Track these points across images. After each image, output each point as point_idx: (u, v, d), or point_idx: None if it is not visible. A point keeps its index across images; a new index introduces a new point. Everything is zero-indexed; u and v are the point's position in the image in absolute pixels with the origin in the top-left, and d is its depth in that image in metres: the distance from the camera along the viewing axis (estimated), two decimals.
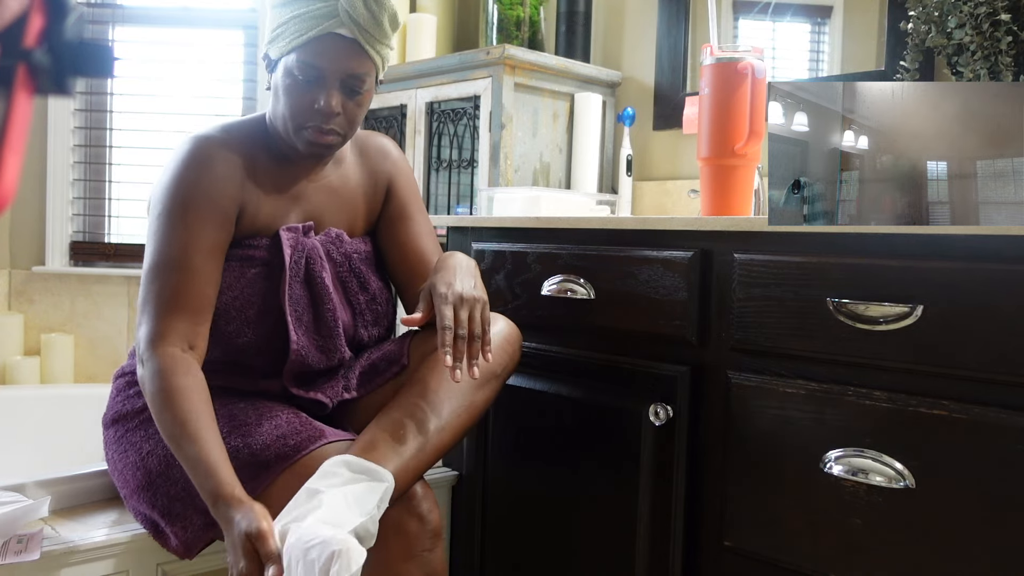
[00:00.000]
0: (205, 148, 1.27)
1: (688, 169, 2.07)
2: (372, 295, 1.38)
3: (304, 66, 1.24)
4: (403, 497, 1.16)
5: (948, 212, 1.10)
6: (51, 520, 1.34)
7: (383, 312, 1.40)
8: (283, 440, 1.18)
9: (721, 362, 1.27)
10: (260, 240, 1.29)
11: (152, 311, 1.21)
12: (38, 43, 0.42)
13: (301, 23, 1.23)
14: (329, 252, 1.34)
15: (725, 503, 1.25)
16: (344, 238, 1.37)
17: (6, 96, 0.42)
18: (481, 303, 1.22)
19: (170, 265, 1.21)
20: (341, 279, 1.35)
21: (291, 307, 1.27)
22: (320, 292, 1.30)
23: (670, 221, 1.32)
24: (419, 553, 1.15)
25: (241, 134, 1.32)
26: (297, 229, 1.31)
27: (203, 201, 1.24)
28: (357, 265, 1.37)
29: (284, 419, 1.22)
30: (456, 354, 1.16)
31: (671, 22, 2.10)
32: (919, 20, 1.46)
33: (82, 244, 2.70)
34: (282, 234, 1.29)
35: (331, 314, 1.30)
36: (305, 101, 1.25)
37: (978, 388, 1.03)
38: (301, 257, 1.29)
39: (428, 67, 2.15)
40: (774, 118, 1.21)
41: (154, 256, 1.23)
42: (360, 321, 1.36)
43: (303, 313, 1.29)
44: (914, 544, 1.06)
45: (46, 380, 2.57)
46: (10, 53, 0.42)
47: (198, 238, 1.23)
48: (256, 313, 1.27)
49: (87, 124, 2.70)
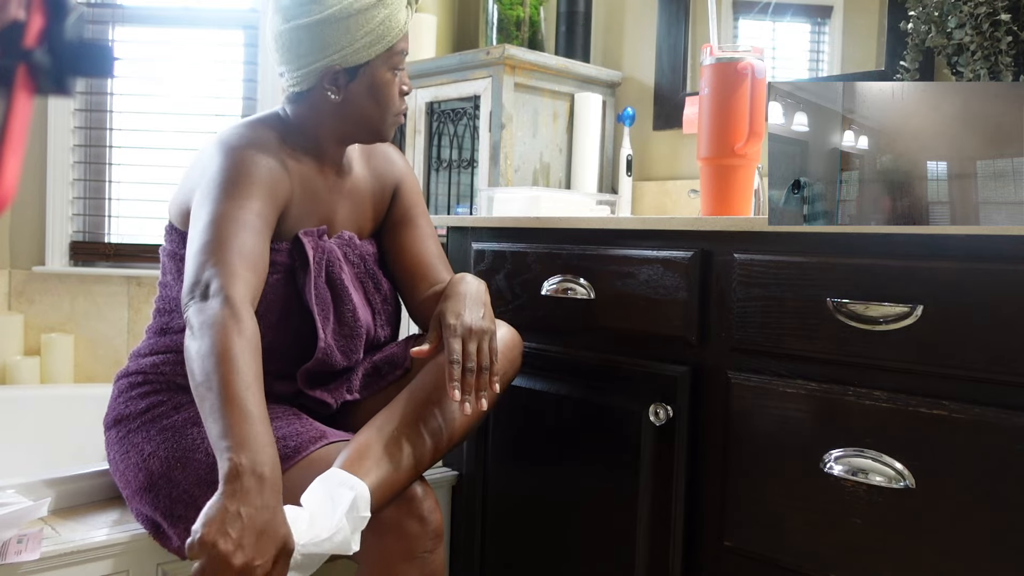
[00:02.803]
0: (251, 137, 1.27)
1: (688, 169, 2.07)
2: (385, 295, 1.41)
3: (400, 56, 1.31)
4: (403, 498, 1.16)
5: (948, 212, 1.10)
6: (51, 520, 1.34)
7: (393, 312, 1.43)
8: (283, 442, 1.18)
9: (721, 362, 1.27)
10: (281, 244, 1.30)
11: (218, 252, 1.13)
12: (38, 43, 0.42)
13: (392, 20, 1.28)
14: (346, 254, 1.36)
15: (725, 503, 1.25)
16: (356, 240, 1.39)
17: (6, 96, 0.42)
18: (489, 334, 1.22)
19: (234, 219, 1.17)
20: (360, 280, 1.37)
21: (317, 307, 1.29)
22: (341, 293, 1.32)
23: (670, 221, 1.32)
24: (419, 554, 1.15)
25: (270, 136, 1.30)
26: (313, 233, 1.32)
27: (260, 178, 1.23)
28: (371, 266, 1.40)
29: (285, 421, 1.23)
30: (464, 388, 1.17)
31: (671, 22, 2.10)
32: (919, 20, 1.46)
33: (82, 244, 2.70)
34: (303, 238, 1.30)
35: (352, 314, 1.32)
36: (396, 91, 1.32)
37: (978, 388, 1.03)
38: (323, 259, 1.31)
39: (428, 67, 2.15)
40: (774, 118, 1.21)
41: (213, 214, 1.17)
42: (378, 321, 1.39)
43: (327, 313, 1.31)
44: (914, 544, 1.06)
45: (46, 380, 2.57)
46: (10, 53, 0.42)
47: (256, 205, 1.20)
48: (278, 317, 1.28)
49: (87, 124, 2.70)
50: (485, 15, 2.27)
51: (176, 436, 1.25)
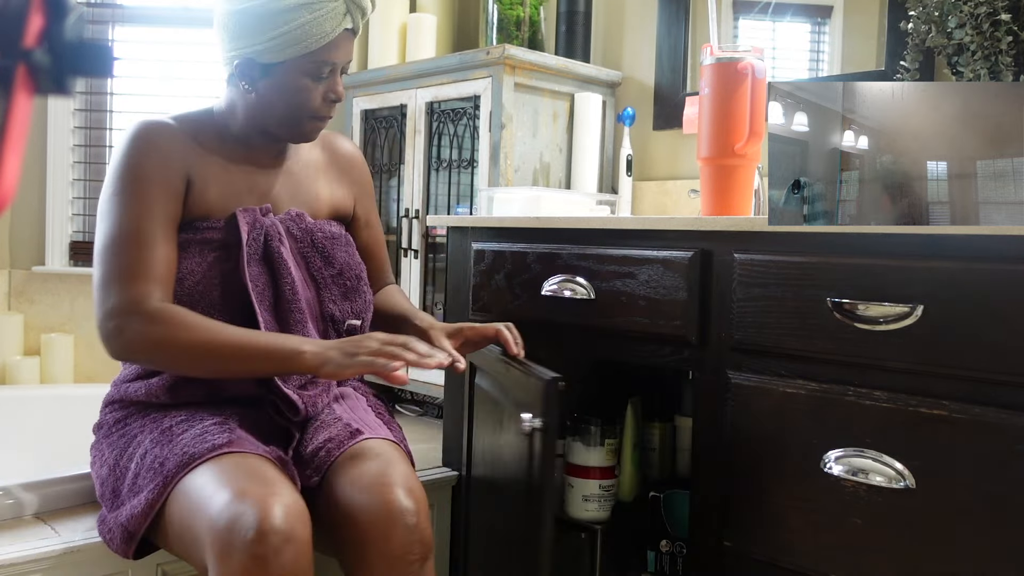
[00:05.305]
0: (149, 128, 1.30)
1: (688, 169, 2.07)
2: (338, 270, 1.37)
3: (322, 65, 1.28)
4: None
5: (948, 212, 1.10)
6: (51, 520, 1.34)
7: (352, 287, 1.38)
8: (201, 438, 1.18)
9: (721, 362, 1.27)
10: (216, 221, 1.30)
11: (122, 281, 1.21)
12: (38, 43, 0.42)
13: (315, 26, 1.25)
14: (289, 228, 1.34)
15: (725, 503, 1.25)
16: (306, 217, 1.37)
17: (6, 96, 0.42)
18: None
19: (130, 238, 1.23)
20: (303, 254, 1.35)
21: (252, 284, 1.27)
22: (279, 267, 1.30)
23: (670, 221, 1.32)
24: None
25: (187, 120, 1.35)
26: (254, 210, 1.31)
27: (151, 174, 1.26)
28: (320, 241, 1.36)
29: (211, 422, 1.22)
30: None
31: (671, 22, 2.10)
32: (919, 20, 1.46)
33: (82, 244, 2.70)
34: (238, 213, 1.30)
35: (289, 288, 1.29)
36: (316, 95, 1.31)
37: (978, 388, 1.02)
38: (260, 235, 1.30)
39: (428, 67, 2.15)
40: (774, 118, 1.21)
41: (110, 232, 1.24)
42: (327, 295, 1.35)
43: (264, 290, 1.29)
44: (914, 544, 1.06)
45: (46, 380, 2.57)
46: (10, 53, 0.41)
47: (152, 209, 1.24)
48: (220, 295, 1.27)
49: (87, 124, 2.70)
50: (485, 15, 2.27)
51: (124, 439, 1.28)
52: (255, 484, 1.08)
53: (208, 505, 1.08)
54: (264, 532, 1.03)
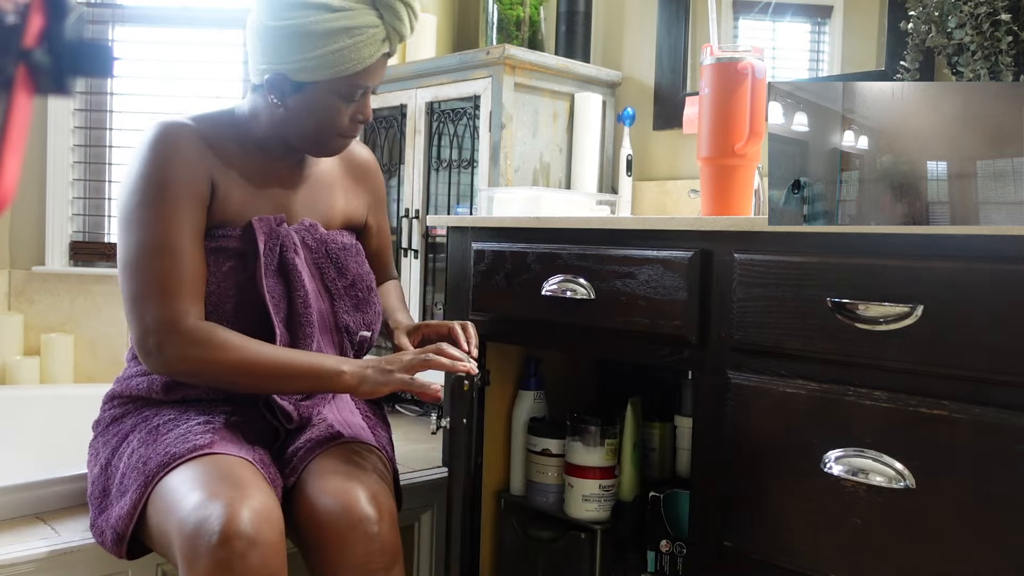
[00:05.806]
0: (170, 130, 1.27)
1: (688, 169, 2.07)
2: (351, 281, 1.37)
3: (355, 88, 1.28)
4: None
5: (948, 212, 1.10)
6: (51, 520, 1.34)
7: (364, 298, 1.39)
8: (183, 438, 1.18)
9: (721, 362, 1.27)
10: (232, 230, 1.29)
11: (157, 297, 1.20)
12: (38, 43, 0.42)
13: (354, 52, 1.24)
14: (304, 239, 1.34)
15: (725, 503, 1.25)
16: (319, 228, 1.37)
17: (6, 96, 0.42)
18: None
19: (162, 250, 1.21)
20: (317, 265, 1.34)
21: (268, 296, 1.26)
22: (293, 278, 1.29)
23: (670, 221, 1.32)
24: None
25: (206, 121, 1.33)
26: (269, 220, 1.30)
27: (177, 181, 1.23)
28: (334, 252, 1.37)
29: (196, 422, 1.22)
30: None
31: (671, 22, 2.10)
32: (919, 20, 1.46)
33: (82, 244, 2.70)
34: (254, 222, 1.28)
35: (302, 300, 1.29)
36: (344, 116, 1.30)
37: (978, 388, 1.02)
38: (276, 245, 1.29)
39: (428, 67, 2.15)
40: (774, 118, 1.21)
41: (140, 243, 1.22)
42: (341, 306, 1.35)
43: (279, 301, 1.28)
44: (914, 544, 1.06)
45: (46, 380, 2.57)
46: (10, 53, 0.41)
47: (181, 220, 1.23)
48: (233, 307, 1.26)
49: (87, 124, 2.70)
50: (485, 15, 2.27)
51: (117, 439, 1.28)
52: (226, 487, 1.08)
53: (180, 507, 1.08)
54: (228, 536, 1.02)
